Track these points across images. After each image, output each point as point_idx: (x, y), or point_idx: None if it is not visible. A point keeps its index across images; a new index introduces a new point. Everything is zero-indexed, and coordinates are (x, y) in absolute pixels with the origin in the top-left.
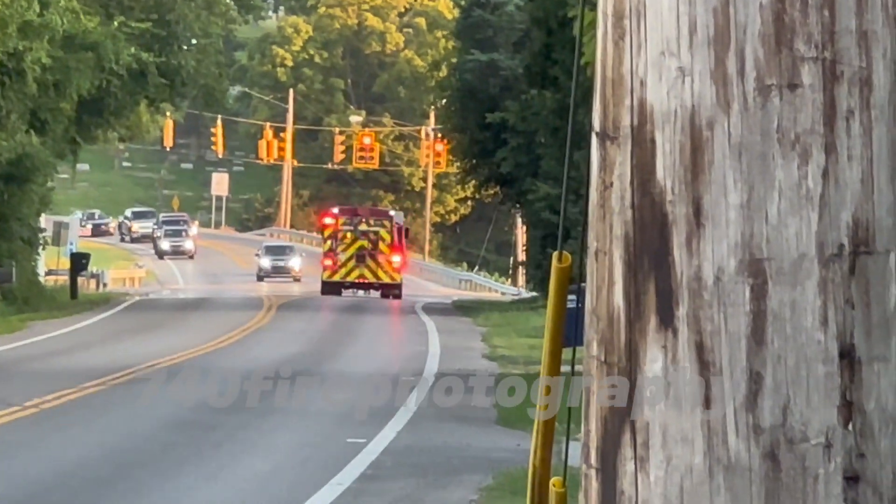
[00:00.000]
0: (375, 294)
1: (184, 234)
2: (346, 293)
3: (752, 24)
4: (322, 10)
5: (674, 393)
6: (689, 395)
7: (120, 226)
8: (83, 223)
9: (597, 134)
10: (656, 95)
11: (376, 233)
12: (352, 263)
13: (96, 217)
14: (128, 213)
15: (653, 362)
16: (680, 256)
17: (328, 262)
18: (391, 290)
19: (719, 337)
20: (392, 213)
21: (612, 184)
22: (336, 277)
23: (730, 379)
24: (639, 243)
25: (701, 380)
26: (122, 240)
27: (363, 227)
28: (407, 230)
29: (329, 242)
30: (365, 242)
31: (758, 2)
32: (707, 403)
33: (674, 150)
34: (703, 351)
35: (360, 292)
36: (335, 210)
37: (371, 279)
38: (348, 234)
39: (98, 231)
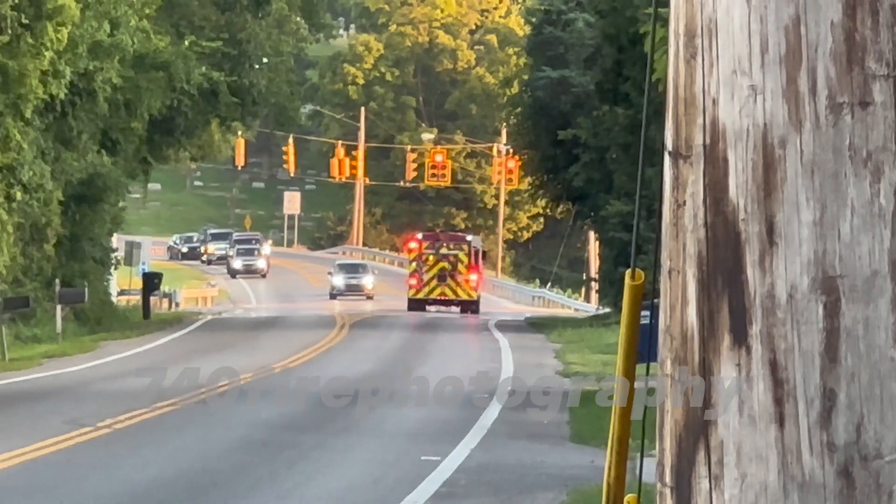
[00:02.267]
0: (455, 309)
1: (256, 252)
2: (430, 308)
3: (824, 43)
4: (393, 27)
5: (748, 411)
6: (763, 412)
7: (169, 248)
8: (178, 244)
9: (669, 153)
10: (728, 114)
11: (455, 255)
12: (434, 283)
13: (194, 240)
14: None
15: (727, 380)
16: (753, 274)
17: (413, 282)
18: (469, 306)
19: (793, 355)
20: (470, 237)
21: (684, 202)
22: (420, 295)
23: (803, 396)
24: (712, 262)
25: (775, 397)
26: (202, 261)
27: (444, 250)
28: (484, 252)
29: (414, 264)
30: (445, 264)
31: (829, 20)
32: (781, 421)
33: (746, 168)
34: (776, 369)
35: (442, 307)
36: (419, 236)
37: (451, 296)
38: (431, 257)
39: (194, 254)
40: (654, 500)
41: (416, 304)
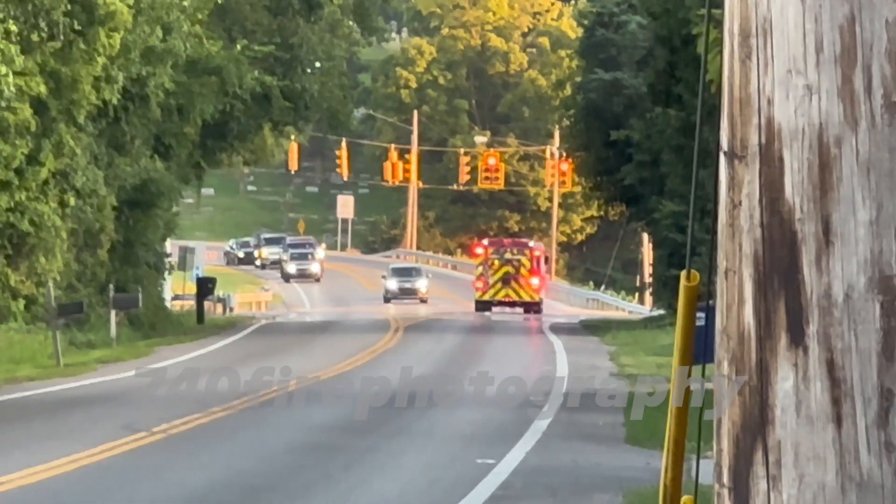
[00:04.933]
0: (519, 310)
1: (310, 257)
2: (495, 309)
3: (879, 42)
4: (445, 31)
5: (805, 411)
6: (821, 412)
7: (226, 253)
8: (234, 249)
9: (725, 153)
10: (784, 113)
11: (518, 260)
12: (499, 286)
13: (250, 245)
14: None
15: (784, 380)
16: (809, 274)
17: (479, 285)
18: (532, 307)
19: (850, 354)
20: (532, 243)
21: (740, 203)
22: (486, 297)
23: (861, 396)
24: (768, 262)
25: (832, 397)
26: (255, 266)
27: (508, 255)
28: (547, 258)
29: (480, 268)
30: (509, 268)
31: (883, 18)
32: (839, 421)
33: (802, 168)
34: (833, 368)
35: (507, 308)
36: (485, 242)
37: (515, 298)
38: (496, 262)
39: (250, 259)
40: (711, 501)
41: (482, 306)
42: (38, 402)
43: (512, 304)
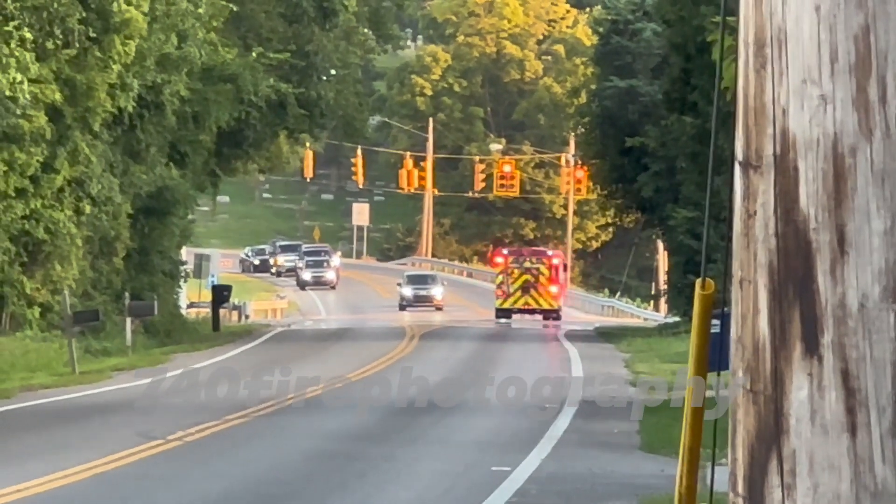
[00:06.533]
0: (538, 317)
1: (325, 264)
2: (515, 317)
3: (894, 51)
4: (461, 38)
5: (820, 420)
6: (836, 422)
7: (241, 260)
8: (249, 256)
9: (740, 163)
10: (798, 123)
11: (537, 269)
12: (518, 294)
13: (265, 253)
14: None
15: (799, 390)
16: (824, 284)
17: (500, 293)
18: (551, 314)
19: (865, 364)
20: (550, 252)
21: (755, 212)
22: (506, 305)
23: (875, 406)
24: (783, 271)
25: (847, 407)
26: (271, 273)
27: (527, 264)
28: (565, 265)
29: (500, 277)
30: (528, 277)
31: None
32: (853, 430)
33: (817, 177)
34: (848, 378)
35: (526, 316)
36: (505, 251)
37: (534, 305)
38: (515, 271)
39: (265, 266)
40: None
41: (502, 313)
42: (53, 409)
43: (531, 312)
